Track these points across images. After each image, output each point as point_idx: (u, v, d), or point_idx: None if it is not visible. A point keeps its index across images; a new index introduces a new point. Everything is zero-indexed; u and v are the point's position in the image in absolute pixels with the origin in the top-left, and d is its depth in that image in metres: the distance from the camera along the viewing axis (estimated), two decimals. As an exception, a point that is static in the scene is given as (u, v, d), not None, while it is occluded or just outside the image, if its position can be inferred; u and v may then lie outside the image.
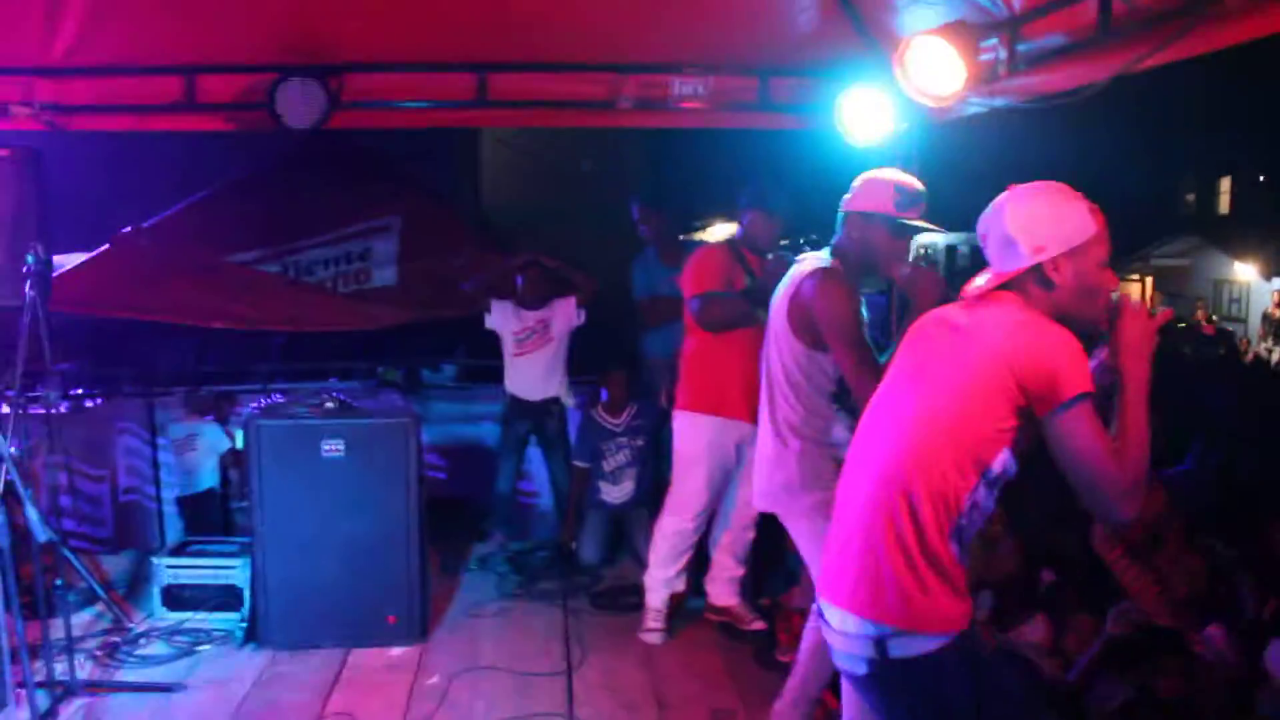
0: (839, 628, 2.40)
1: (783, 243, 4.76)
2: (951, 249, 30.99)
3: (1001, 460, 2.30)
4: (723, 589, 4.76)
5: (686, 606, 4.97)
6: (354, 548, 4.61)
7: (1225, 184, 28.63)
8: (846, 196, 3.34)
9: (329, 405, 4.71)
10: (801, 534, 3.49)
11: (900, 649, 2.29)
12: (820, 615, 2.51)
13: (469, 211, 12.31)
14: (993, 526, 4.31)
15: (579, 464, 5.90)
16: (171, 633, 4.72)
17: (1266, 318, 18.91)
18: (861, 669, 2.37)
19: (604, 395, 5.94)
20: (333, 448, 4.57)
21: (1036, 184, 2.39)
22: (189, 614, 4.83)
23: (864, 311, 3.31)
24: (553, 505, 6.47)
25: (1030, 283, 2.34)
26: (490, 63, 4.75)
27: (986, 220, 2.41)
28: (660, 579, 4.71)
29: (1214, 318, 20.55)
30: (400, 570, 4.66)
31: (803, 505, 3.39)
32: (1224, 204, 28.39)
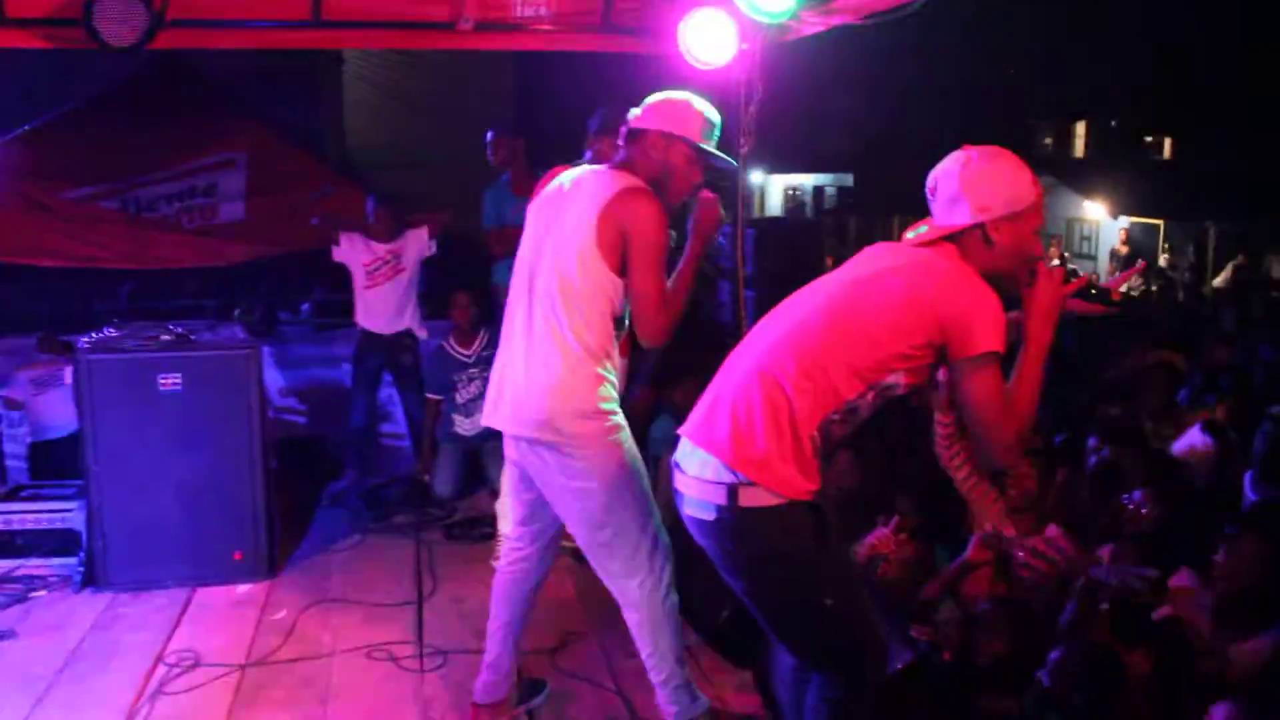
0: (696, 474, 2.55)
1: None
2: (820, 189, 31.54)
3: (893, 379, 2.49)
4: (574, 515, 4.75)
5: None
6: (196, 484, 4.50)
7: (1080, 128, 29.69)
8: (636, 112, 3.14)
9: (165, 338, 4.54)
10: (572, 471, 3.08)
11: (749, 499, 2.45)
12: (676, 467, 2.64)
13: (334, 153, 11.94)
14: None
15: (431, 396, 5.86)
16: (2, 580, 4.53)
17: (1114, 254, 19.73)
18: (710, 514, 2.52)
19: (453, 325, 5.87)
20: (170, 381, 4.43)
21: (991, 148, 2.52)
22: (22, 561, 4.62)
23: None
24: (410, 442, 6.39)
25: (970, 239, 2.50)
26: (327, -20, 4.58)
27: (937, 175, 2.55)
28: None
29: (1066, 254, 21.34)
30: (245, 506, 4.57)
31: (583, 433, 3.04)
32: (1079, 147, 29.45)
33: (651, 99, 3.16)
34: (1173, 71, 26.02)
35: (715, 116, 3.15)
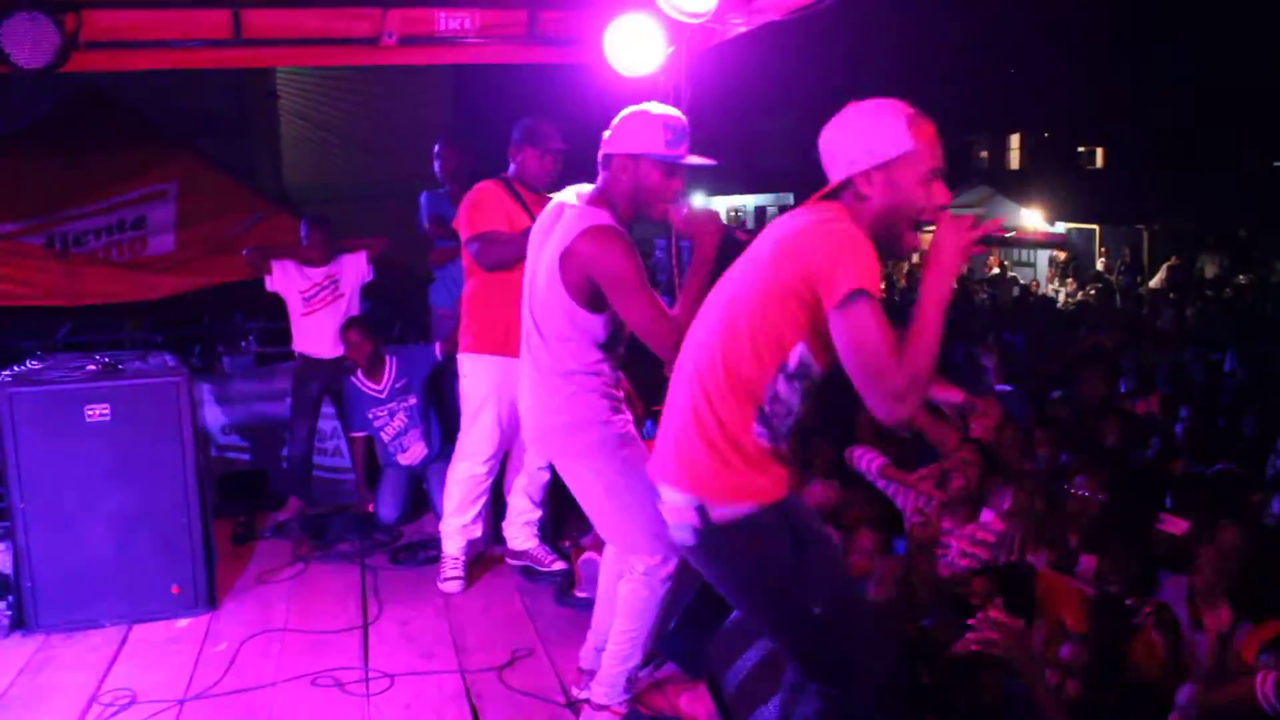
0: (668, 501, 2.56)
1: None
2: (762, 209, 31.77)
3: (797, 355, 2.39)
4: (520, 532, 4.70)
5: (487, 553, 4.91)
6: (129, 518, 4.37)
7: (1015, 140, 30.25)
8: (606, 135, 3.16)
9: (91, 369, 4.42)
10: (581, 477, 3.35)
11: (720, 514, 2.45)
12: (657, 498, 2.64)
13: (271, 190, 11.83)
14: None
15: (355, 435, 5.77)
16: (-75, 628, 4.37)
17: (1053, 260, 20.03)
18: (690, 539, 2.52)
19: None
20: (97, 412, 4.30)
21: (868, 100, 2.42)
22: (-55, 607, 4.45)
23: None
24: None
25: (849, 196, 2.40)
26: (245, -3, 4.52)
27: (821, 136, 2.47)
28: (455, 526, 4.62)
29: (1005, 263, 21.63)
30: (181, 537, 4.43)
31: (579, 444, 3.28)
32: (1014, 159, 29.98)
33: (617, 118, 3.14)
34: (1104, 85, 26.64)
35: (679, 121, 3.13)
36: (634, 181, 3.13)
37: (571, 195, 3.27)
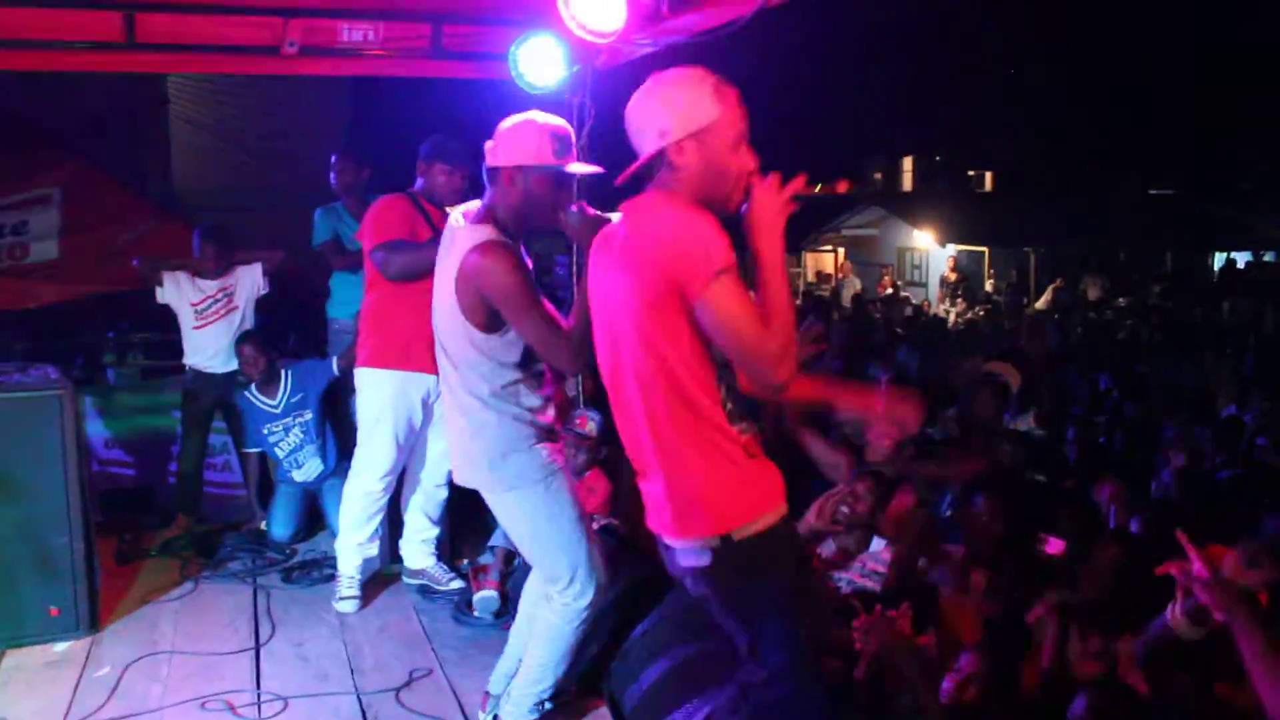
0: (681, 548, 2.48)
1: None
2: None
3: (719, 358, 2.36)
4: (417, 550, 4.64)
5: (383, 571, 4.83)
6: (3, 536, 4.15)
7: (908, 163, 30.97)
8: (490, 146, 3.09)
9: (-33, 381, 4.23)
10: (507, 508, 3.25)
11: (742, 535, 2.39)
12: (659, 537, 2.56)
13: (159, 197, 11.50)
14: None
15: (249, 451, 5.64)
16: None
17: (944, 281, 20.54)
18: (706, 559, 2.42)
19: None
20: (-30, 427, 4.11)
21: (669, 71, 2.42)
22: None
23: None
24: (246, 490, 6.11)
25: (663, 169, 2.40)
26: (140, 1, 4.38)
27: (628, 109, 2.44)
28: (351, 544, 4.53)
29: (899, 283, 22.12)
30: (61, 557, 4.24)
31: (503, 474, 3.17)
32: (907, 181, 30.69)
33: (499, 129, 3.09)
34: (993, 111, 27.54)
35: (564, 129, 3.09)
36: (523, 194, 3.06)
37: (458, 216, 3.19)
